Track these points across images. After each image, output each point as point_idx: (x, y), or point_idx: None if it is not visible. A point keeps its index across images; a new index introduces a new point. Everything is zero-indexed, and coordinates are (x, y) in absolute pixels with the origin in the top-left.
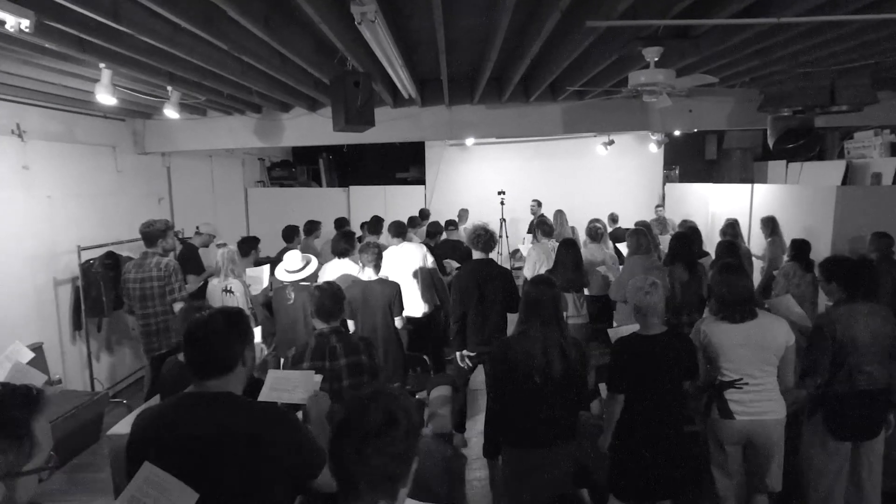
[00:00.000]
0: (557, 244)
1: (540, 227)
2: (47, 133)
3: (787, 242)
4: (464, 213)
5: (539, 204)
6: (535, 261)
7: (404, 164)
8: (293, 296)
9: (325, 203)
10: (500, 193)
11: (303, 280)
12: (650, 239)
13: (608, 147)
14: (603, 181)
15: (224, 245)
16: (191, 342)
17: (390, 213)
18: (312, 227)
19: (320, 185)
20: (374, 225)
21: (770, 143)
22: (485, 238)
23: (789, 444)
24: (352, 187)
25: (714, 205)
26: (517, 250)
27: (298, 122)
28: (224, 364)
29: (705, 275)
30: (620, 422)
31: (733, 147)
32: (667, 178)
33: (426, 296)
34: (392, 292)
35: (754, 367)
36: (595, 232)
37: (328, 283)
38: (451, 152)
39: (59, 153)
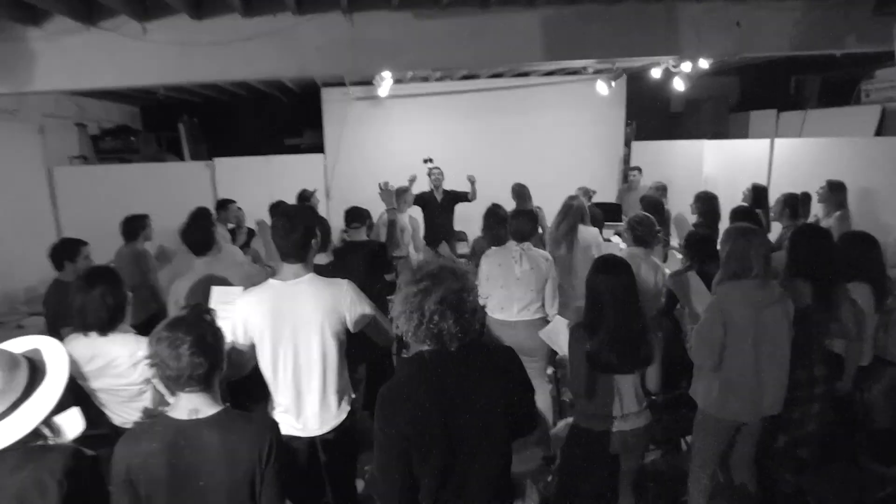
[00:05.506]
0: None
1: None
2: None
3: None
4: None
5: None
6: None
7: (296, 126)
8: None
9: (179, 182)
10: (426, 162)
11: None
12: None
13: (613, 84)
14: (557, 142)
15: None
16: None
17: (277, 194)
18: (131, 227)
19: (182, 159)
20: (195, 227)
21: None
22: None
23: None
24: (217, 160)
25: (712, 167)
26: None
27: (67, 47)
28: None
29: (850, 301)
30: None
31: (702, 97)
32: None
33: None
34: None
35: None
36: (649, 229)
37: None
38: (357, 109)
39: None
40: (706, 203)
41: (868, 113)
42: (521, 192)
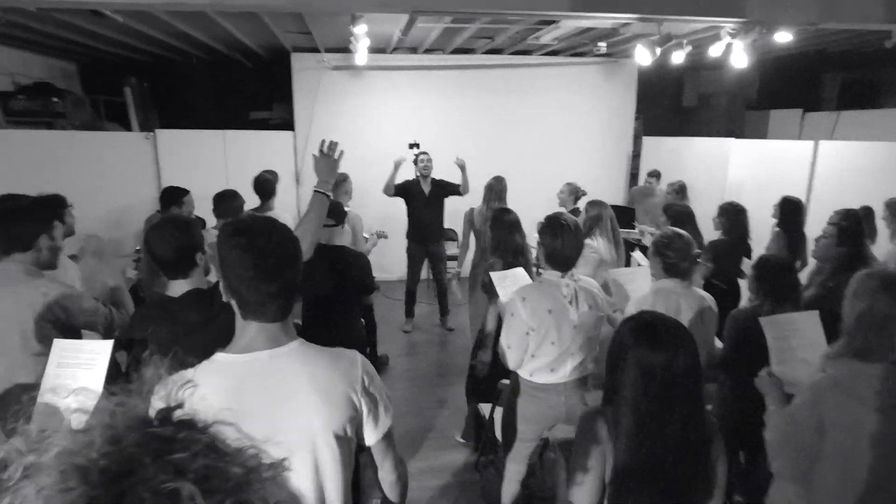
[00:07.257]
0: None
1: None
2: None
3: None
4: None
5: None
6: (522, 336)
7: (264, 98)
8: None
9: (110, 157)
10: (411, 147)
11: None
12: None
13: (658, 52)
14: (558, 131)
15: None
16: None
17: (233, 180)
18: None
19: (128, 129)
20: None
21: None
22: None
23: None
24: (159, 132)
25: (739, 169)
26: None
27: None
28: None
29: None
30: None
31: (717, 91)
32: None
33: None
34: None
35: None
36: (685, 253)
37: None
38: (333, 80)
39: None
40: (733, 217)
41: None
42: (497, 188)
